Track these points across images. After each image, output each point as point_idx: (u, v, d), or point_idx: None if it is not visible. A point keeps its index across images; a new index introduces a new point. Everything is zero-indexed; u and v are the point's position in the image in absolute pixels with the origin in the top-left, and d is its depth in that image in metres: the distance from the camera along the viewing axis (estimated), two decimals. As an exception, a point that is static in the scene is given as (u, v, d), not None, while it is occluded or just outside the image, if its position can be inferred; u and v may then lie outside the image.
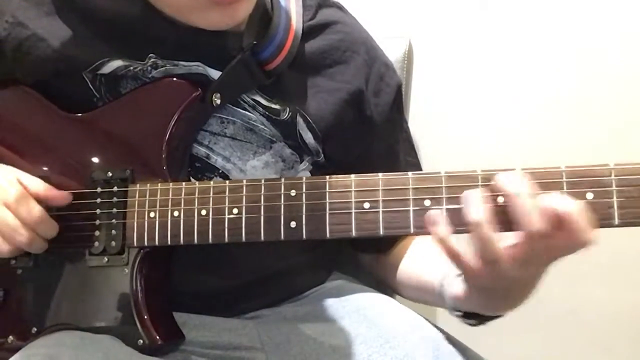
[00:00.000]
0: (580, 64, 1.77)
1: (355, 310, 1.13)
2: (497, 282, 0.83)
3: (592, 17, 1.75)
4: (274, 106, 1.09)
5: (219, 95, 1.05)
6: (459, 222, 0.82)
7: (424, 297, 1.11)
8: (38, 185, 1.01)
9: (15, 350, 0.94)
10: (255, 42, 1.05)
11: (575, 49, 1.76)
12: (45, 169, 1.07)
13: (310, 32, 1.14)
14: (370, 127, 1.17)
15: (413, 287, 1.15)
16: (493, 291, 0.87)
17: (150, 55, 1.06)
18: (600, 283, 1.82)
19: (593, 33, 1.75)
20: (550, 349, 1.88)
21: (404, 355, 0.99)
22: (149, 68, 1.06)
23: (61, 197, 1.02)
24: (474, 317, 0.96)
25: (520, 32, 1.79)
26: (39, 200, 1.00)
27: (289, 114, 1.09)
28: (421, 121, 1.46)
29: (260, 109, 1.08)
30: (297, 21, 1.12)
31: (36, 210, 0.98)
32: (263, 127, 1.09)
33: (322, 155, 1.14)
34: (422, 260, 1.14)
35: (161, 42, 1.06)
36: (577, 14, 1.75)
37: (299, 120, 1.10)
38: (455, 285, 0.94)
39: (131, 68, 1.06)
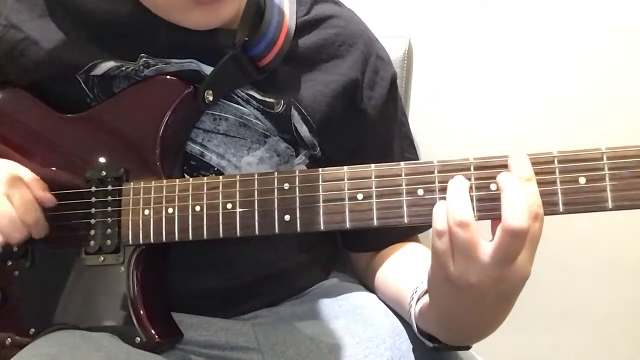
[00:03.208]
0: (580, 63, 1.77)
1: (352, 310, 1.12)
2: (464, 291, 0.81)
3: (592, 15, 1.75)
4: (268, 100, 1.08)
5: (211, 92, 1.05)
6: None
7: (398, 311, 1.07)
8: (36, 184, 1.02)
9: (14, 351, 0.94)
10: (246, 39, 1.05)
11: (574, 47, 1.76)
12: (39, 169, 1.06)
13: (305, 27, 1.14)
14: (364, 120, 1.16)
15: (389, 299, 1.11)
16: (458, 304, 0.85)
17: (142, 55, 1.06)
18: (600, 283, 1.82)
19: (593, 31, 1.75)
20: (549, 349, 1.87)
21: (400, 356, 0.98)
22: (141, 68, 1.07)
23: (47, 200, 1.03)
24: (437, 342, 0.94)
25: (520, 31, 1.79)
26: None
27: (283, 106, 1.08)
28: (421, 121, 1.46)
29: (255, 102, 1.08)
30: (290, 17, 1.12)
31: (37, 211, 1.00)
32: (257, 121, 1.08)
33: (319, 148, 1.13)
34: (401, 272, 1.11)
35: (153, 41, 1.06)
36: (576, 12, 1.75)
37: (294, 113, 1.09)
38: (422, 301, 0.94)
39: (124, 69, 1.06)
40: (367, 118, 1.16)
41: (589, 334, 1.84)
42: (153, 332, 0.99)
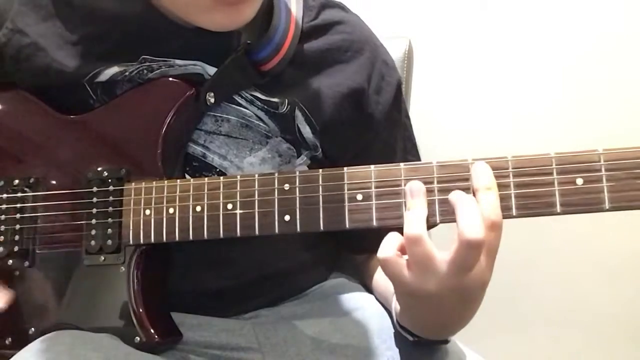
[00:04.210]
0: (579, 63, 1.77)
1: (353, 309, 1.13)
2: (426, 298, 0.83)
3: (591, 16, 1.75)
4: (272, 99, 1.09)
5: (212, 94, 1.05)
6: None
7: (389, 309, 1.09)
8: None
9: (13, 351, 0.95)
10: (249, 42, 1.05)
11: (574, 48, 1.77)
12: (41, 169, 1.07)
13: (312, 32, 1.14)
14: (369, 125, 1.16)
15: (381, 299, 1.13)
16: (421, 309, 0.88)
17: (145, 56, 1.06)
18: (600, 283, 1.82)
19: (592, 33, 1.76)
20: (550, 349, 1.88)
21: (400, 356, 0.99)
22: (145, 71, 1.07)
23: None
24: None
25: (520, 32, 1.80)
26: None
27: (287, 106, 1.09)
28: (421, 121, 1.46)
29: (259, 103, 1.08)
30: (297, 22, 1.12)
31: None
32: (259, 122, 1.09)
33: (320, 149, 1.14)
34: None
35: (160, 41, 1.06)
36: (575, 13, 1.76)
37: (298, 113, 1.09)
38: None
39: (127, 73, 1.06)
40: (373, 122, 1.16)
41: (588, 334, 1.85)
42: (152, 332, 0.99)
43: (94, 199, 1.03)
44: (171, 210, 0.98)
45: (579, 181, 0.80)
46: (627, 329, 1.84)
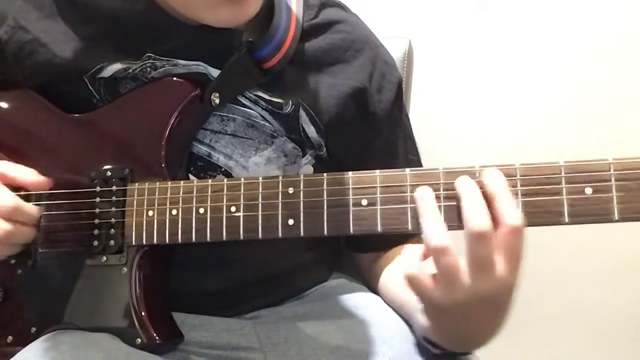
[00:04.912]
0: (579, 63, 1.77)
1: (355, 309, 1.13)
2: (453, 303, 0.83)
3: (591, 16, 1.75)
4: (276, 100, 1.09)
5: (217, 94, 1.05)
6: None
7: (402, 315, 1.08)
8: (15, 170, 1.01)
9: (14, 350, 0.95)
10: (251, 40, 1.05)
11: (573, 48, 1.77)
12: (45, 168, 1.06)
13: (312, 31, 1.14)
14: (372, 123, 1.17)
15: (396, 307, 1.12)
16: (449, 320, 0.88)
17: (149, 54, 1.06)
18: (600, 283, 1.82)
19: (592, 32, 1.76)
20: (550, 349, 1.88)
21: (401, 355, 0.99)
22: (148, 69, 1.06)
23: (38, 183, 1.02)
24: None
25: (520, 32, 1.80)
26: (19, 186, 1.01)
27: (291, 107, 1.09)
28: (421, 121, 1.45)
29: (263, 103, 1.08)
30: (297, 20, 1.12)
31: (7, 199, 0.98)
32: (264, 122, 1.09)
33: (325, 149, 1.13)
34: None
35: (162, 40, 1.06)
36: (575, 13, 1.76)
37: (302, 113, 1.10)
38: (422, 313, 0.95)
39: (130, 70, 1.06)
40: (376, 121, 1.16)
41: (590, 335, 1.85)
42: (153, 333, 0.99)
43: (97, 199, 1.03)
44: (174, 212, 0.98)
45: (588, 191, 0.79)
46: (628, 331, 1.84)
